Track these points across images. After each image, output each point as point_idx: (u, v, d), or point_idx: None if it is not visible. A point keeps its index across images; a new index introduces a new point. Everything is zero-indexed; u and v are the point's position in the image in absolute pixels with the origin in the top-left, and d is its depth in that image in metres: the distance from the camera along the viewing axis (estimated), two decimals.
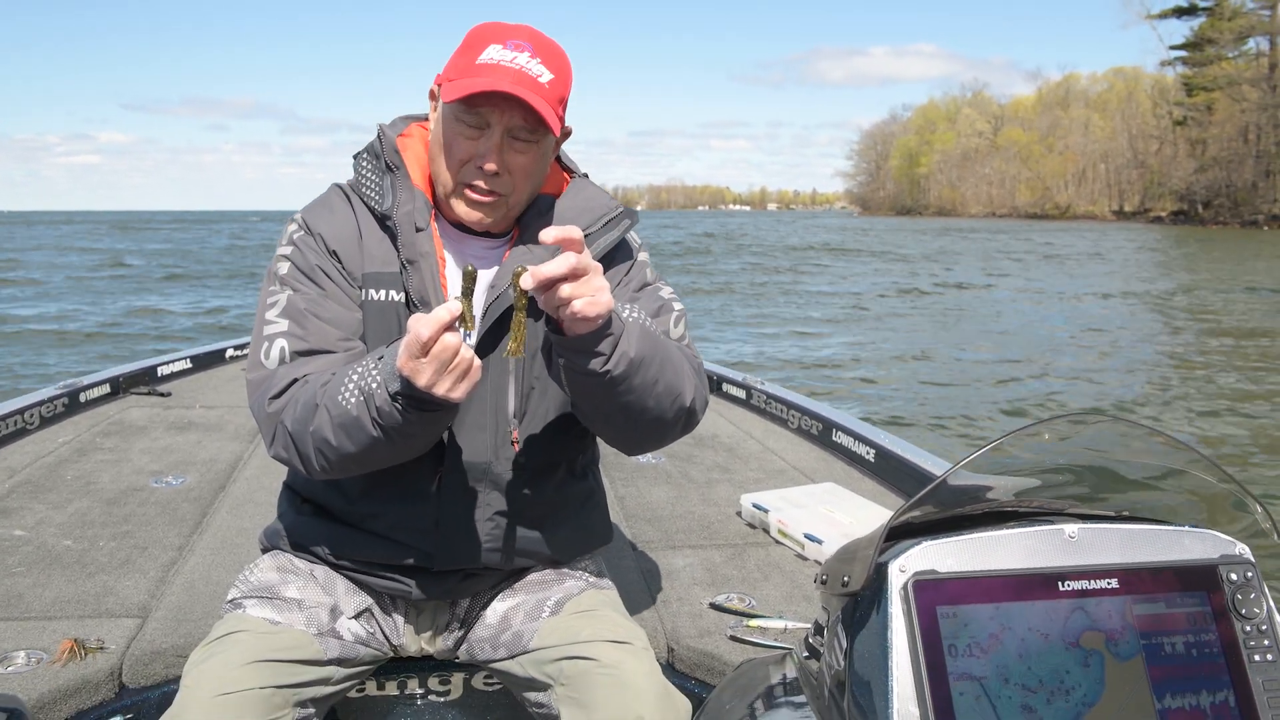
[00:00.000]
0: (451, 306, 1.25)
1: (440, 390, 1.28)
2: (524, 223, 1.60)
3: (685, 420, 1.53)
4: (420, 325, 1.24)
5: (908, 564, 1.06)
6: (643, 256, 1.68)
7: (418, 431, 1.37)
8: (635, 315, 1.42)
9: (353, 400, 1.36)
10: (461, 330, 1.27)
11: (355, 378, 1.37)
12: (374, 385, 1.34)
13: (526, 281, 1.26)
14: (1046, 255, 33.91)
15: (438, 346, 1.25)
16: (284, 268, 1.56)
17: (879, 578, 1.08)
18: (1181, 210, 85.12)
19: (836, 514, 2.55)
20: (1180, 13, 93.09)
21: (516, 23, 1.54)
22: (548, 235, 1.27)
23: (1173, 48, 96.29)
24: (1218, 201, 79.34)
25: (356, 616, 1.62)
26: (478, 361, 1.30)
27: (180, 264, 29.15)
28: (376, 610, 1.65)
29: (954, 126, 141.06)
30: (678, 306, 1.64)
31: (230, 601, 1.61)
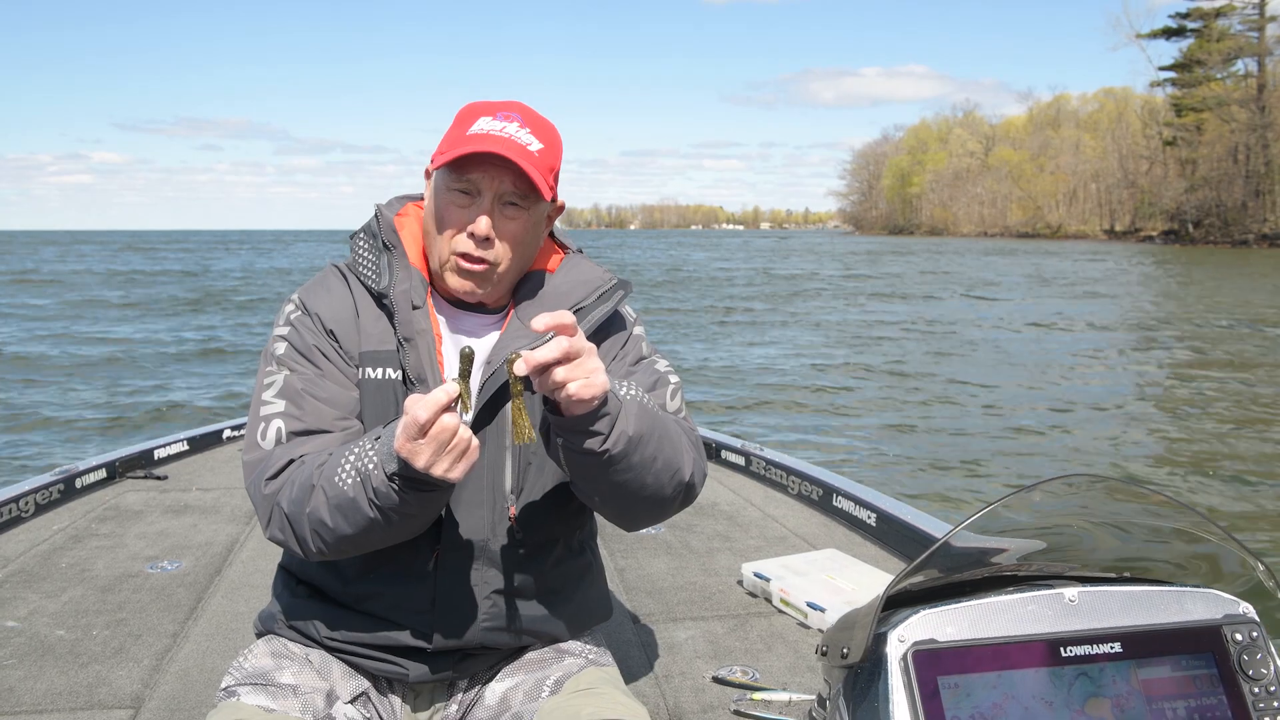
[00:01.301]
0: (449, 388, 1.26)
1: (438, 471, 1.28)
2: (519, 298, 1.61)
3: (684, 495, 1.53)
4: (418, 408, 1.25)
5: (907, 634, 1.05)
6: (638, 330, 1.69)
7: (415, 511, 1.37)
8: (632, 392, 1.43)
9: (349, 481, 1.35)
10: (459, 411, 1.28)
11: (352, 459, 1.36)
12: (370, 466, 1.33)
13: (520, 367, 1.27)
14: (1048, 280, 33.71)
15: (436, 428, 1.25)
16: (281, 348, 1.56)
17: (878, 648, 1.06)
18: (1172, 230, 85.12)
19: (839, 581, 2.52)
20: (1169, 34, 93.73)
21: (509, 99, 1.58)
22: (539, 323, 1.28)
23: (1162, 69, 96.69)
24: (1208, 221, 79.43)
25: (353, 701, 1.59)
26: (475, 441, 1.31)
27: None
28: (373, 693, 1.62)
29: (945, 146, 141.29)
30: (674, 380, 1.64)
31: (225, 689, 1.58)
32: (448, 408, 1.26)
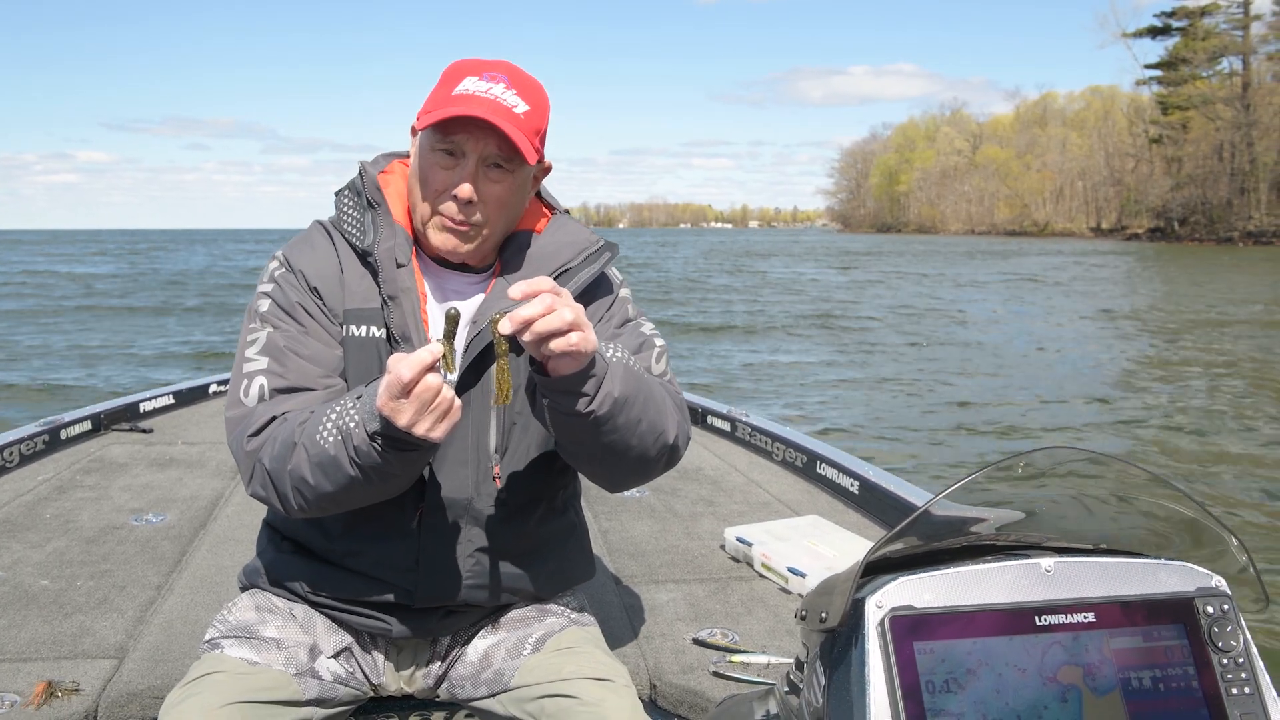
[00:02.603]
0: (433, 348, 1.26)
1: (420, 430, 1.28)
2: (505, 257, 1.61)
3: (668, 457, 1.53)
4: (402, 367, 1.25)
5: (885, 600, 1.06)
6: (624, 292, 1.69)
7: (396, 471, 1.37)
8: (618, 355, 1.43)
9: (330, 439, 1.35)
10: (443, 371, 1.28)
11: (333, 417, 1.36)
12: (352, 425, 1.33)
13: (505, 326, 1.27)
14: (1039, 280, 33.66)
15: (419, 387, 1.26)
16: (264, 305, 1.56)
17: (856, 614, 1.07)
18: (1158, 227, 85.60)
19: (820, 547, 2.54)
20: (1154, 33, 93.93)
21: (496, 59, 1.56)
22: (515, 291, 1.28)
23: (1148, 67, 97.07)
24: (1194, 219, 79.87)
25: (336, 655, 1.60)
26: (458, 402, 1.31)
27: None
28: (356, 649, 1.64)
29: (933, 145, 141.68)
30: (659, 343, 1.64)
31: (208, 641, 1.59)
32: (431, 368, 1.26)
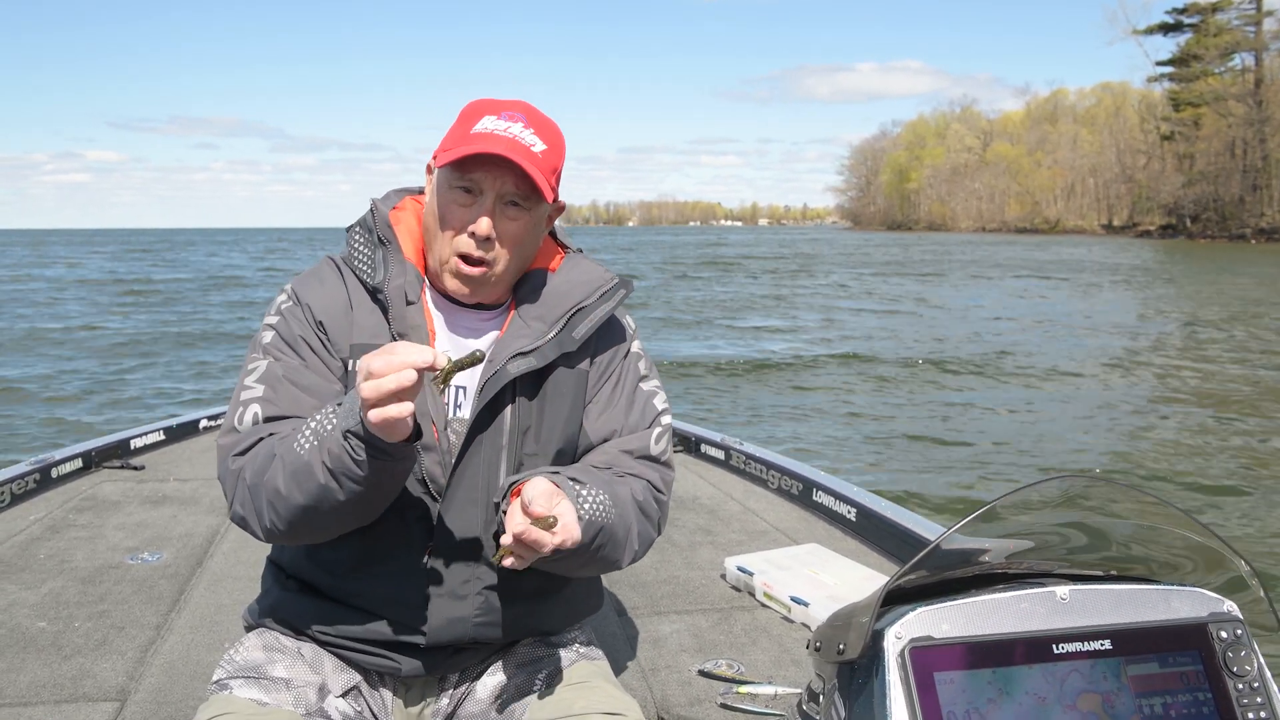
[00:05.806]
0: (436, 352, 1.27)
1: (371, 396, 1.25)
2: (519, 296, 1.62)
3: (612, 570, 1.60)
4: (400, 345, 1.27)
5: (904, 631, 1.07)
6: (636, 347, 1.71)
7: (368, 477, 1.35)
8: (588, 504, 1.44)
9: (307, 445, 1.36)
10: (435, 380, 1.30)
11: (313, 424, 1.38)
12: (329, 426, 1.34)
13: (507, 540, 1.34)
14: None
15: (397, 363, 1.25)
16: (268, 336, 1.57)
17: (875, 645, 1.08)
18: (1170, 225, 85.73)
19: (821, 575, 2.54)
20: (1166, 29, 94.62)
21: (513, 99, 1.59)
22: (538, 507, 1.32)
23: (1159, 63, 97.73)
24: (1205, 216, 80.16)
25: (344, 695, 1.59)
26: (413, 385, 1.27)
27: None
28: (365, 687, 1.63)
29: (943, 142, 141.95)
30: (665, 421, 1.68)
31: (216, 682, 1.58)
32: (426, 363, 1.26)
